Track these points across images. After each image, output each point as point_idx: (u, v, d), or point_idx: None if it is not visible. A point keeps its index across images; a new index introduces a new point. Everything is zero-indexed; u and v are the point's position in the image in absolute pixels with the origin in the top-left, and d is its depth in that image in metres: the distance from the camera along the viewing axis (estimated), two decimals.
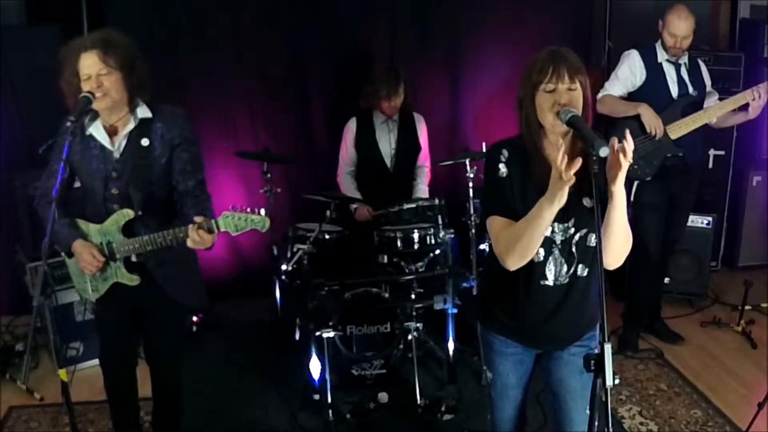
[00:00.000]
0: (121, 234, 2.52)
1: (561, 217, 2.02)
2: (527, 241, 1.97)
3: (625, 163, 1.82)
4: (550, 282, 2.10)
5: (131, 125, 2.49)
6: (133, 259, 2.56)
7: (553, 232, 2.05)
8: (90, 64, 2.38)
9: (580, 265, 2.10)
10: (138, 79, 2.46)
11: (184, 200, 2.57)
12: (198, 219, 2.37)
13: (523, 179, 2.05)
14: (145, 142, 2.49)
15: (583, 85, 1.98)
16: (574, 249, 2.08)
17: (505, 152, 2.07)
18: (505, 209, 2.05)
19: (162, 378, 2.86)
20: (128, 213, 2.50)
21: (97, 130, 2.49)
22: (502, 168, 2.06)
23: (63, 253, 2.65)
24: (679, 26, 3.64)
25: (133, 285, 2.57)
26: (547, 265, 2.08)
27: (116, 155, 2.50)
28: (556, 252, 2.08)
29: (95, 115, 2.49)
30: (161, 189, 2.56)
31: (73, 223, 2.56)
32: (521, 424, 2.39)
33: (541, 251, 2.06)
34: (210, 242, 2.40)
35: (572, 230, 2.06)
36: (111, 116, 2.48)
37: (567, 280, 2.10)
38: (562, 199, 1.87)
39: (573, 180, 1.81)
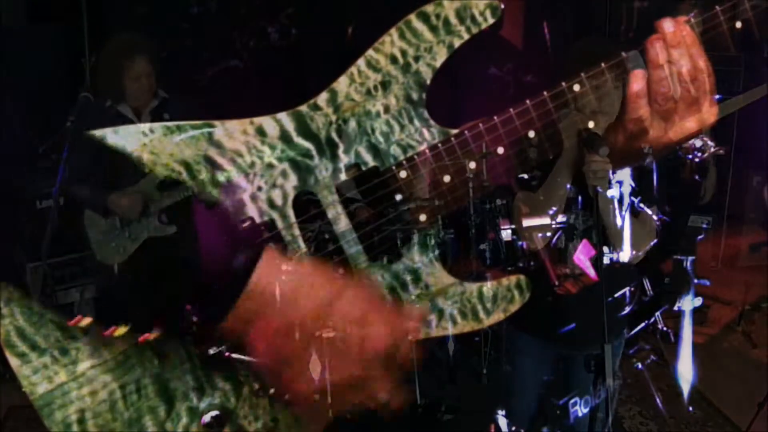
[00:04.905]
0: (158, 190, 2.92)
1: (583, 205, 2.05)
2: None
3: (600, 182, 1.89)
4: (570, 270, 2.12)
5: (155, 103, 3.03)
6: (164, 219, 2.91)
7: (576, 218, 2.08)
8: (143, 67, 2.95)
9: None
10: (160, 74, 3.02)
11: None
12: None
13: None
14: (166, 116, 2.95)
15: None
16: (594, 238, 2.08)
17: None
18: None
19: None
20: None
21: (124, 109, 2.99)
22: None
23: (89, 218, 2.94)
24: None
25: (168, 234, 2.88)
26: (568, 252, 2.11)
27: None
28: (577, 240, 2.10)
29: (121, 98, 2.99)
30: None
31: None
32: (534, 417, 2.42)
33: (563, 238, 2.10)
34: None
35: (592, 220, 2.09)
36: (138, 99, 3.00)
37: None
38: None
39: None
